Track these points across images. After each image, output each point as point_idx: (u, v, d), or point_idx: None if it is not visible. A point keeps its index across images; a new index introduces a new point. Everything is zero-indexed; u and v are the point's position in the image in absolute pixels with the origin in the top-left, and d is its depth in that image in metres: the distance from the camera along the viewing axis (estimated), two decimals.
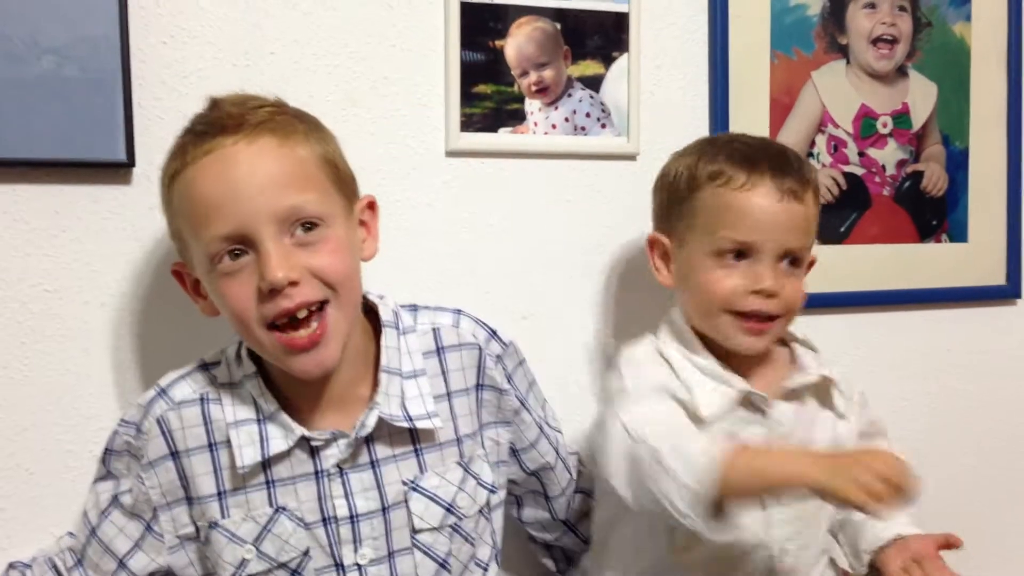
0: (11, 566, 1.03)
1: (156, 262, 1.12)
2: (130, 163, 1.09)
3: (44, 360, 1.09)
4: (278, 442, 0.96)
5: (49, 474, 1.09)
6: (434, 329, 1.05)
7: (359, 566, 0.98)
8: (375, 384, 1.00)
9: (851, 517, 1.16)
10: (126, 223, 1.11)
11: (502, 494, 1.09)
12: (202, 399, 0.98)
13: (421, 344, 1.03)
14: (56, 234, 1.09)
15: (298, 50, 1.16)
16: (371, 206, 1.02)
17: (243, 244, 0.90)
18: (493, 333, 1.08)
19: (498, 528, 1.09)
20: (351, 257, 0.96)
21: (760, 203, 1.05)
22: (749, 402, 1.08)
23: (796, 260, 1.09)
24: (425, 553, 1.00)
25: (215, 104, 0.96)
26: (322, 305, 0.93)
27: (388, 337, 1.01)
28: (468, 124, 1.23)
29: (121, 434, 1.00)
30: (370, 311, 1.03)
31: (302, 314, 0.92)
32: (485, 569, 1.07)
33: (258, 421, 0.97)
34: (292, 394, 0.99)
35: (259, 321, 0.92)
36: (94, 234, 1.10)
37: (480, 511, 1.04)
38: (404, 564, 0.99)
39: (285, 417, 0.96)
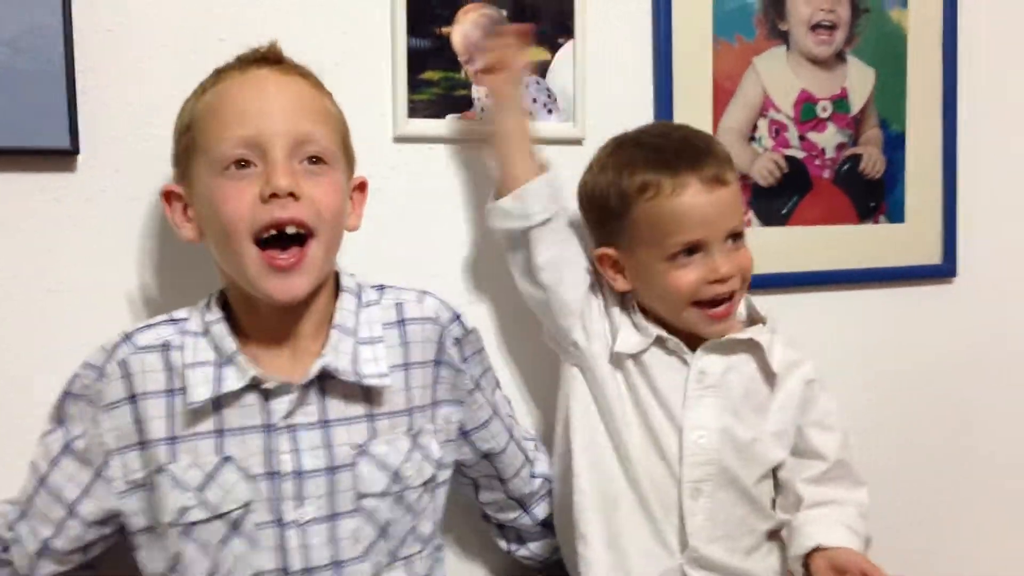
0: None
1: (102, 248, 1.12)
2: (74, 150, 1.09)
3: None
4: (231, 382, 0.98)
5: (4, 456, 1.08)
6: (397, 304, 1.08)
7: (299, 524, 0.99)
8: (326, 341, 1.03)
9: (791, 522, 1.18)
10: (71, 210, 1.11)
11: (448, 473, 1.11)
12: (165, 346, 1.01)
13: (383, 316, 1.06)
14: (2, 222, 1.08)
15: (245, 37, 1.15)
16: (362, 187, 1.09)
17: (253, 152, 0.96)
18: (457, 316, 1.12)
19: (439, 507, 1.11)
20: (343, 204, 1.03)
21: (693, 202, 1.11)
22: (668, 349, 1.16)
23: (738, 235, 1.15)
24: (367, 518, 1.01)
25: (257, 48, 1.04)
26: (306, 240, 0.98)
27: (344, 300, 1.05)
28: (415, 110, 1.25)
29: (82, 377, 1.01)
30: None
31: (290, 230, 0.97)
32: (424, 544, 1.08)
33: (216, 364, 0.99)
34: (254, 340, 1.02)
35: (249, 231, 0.96)
36: (40, 221, 1.10)
37: (424, 484, 1.06)
38: (345, 526, 1.00)
39: (241, 358, 0.99)
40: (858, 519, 1.18)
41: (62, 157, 1.09)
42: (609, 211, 1.16)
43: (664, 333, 1.16)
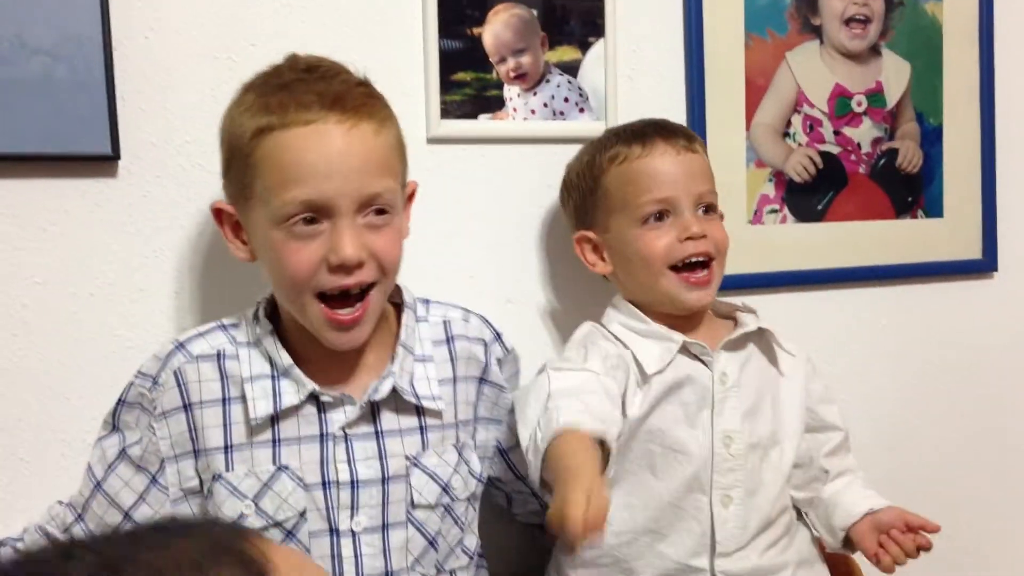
0: (1, 543, 1.05)
1: (142, 252, 1.14)
2: (115, 156, 1.10)
3: (35, 351, 1.11)
4: (290, 396, 0.99)
5: (42, 461, 1.11)
6: (445, 321, 1.09)
7: (353, 532, 1.00)
8: (391, 357, 1.03)
9: (819, 495, 1.20)
10: (112, 215, 1.13)
11: (482, 488, 1.12)
12: (219, 355, 1.01)
13: (432, 333, 1.08)
14: (44, 227, 1.10)
15: (278, 42, 1.17)
16: (412, 195, 1.08)
17: (319, 213, 0.95)
18: (498, 336, 1.13)
19: (476, 520, 1.12)
20: (401, 245, 1.02)
21: (661, 161, 1.16)
22: (691, 354, 1.15)
23: (709, 207, 1.18)
24: (418, 529, 1.02)
25: (311, 68, 0.99)
26: (370, 287, 0.98)
27: (408, 317, 1.06)
28: (448, 111, 1.25)
29: (137, 385, 1.02)
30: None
31: (354, 291, 0.97)
32: (471, 558, 1.09)
33: (273, 377, 1.00)
34: (306, 354, 1.02)
35: (313, 289, 0.96)
36: (81, 226, 1.12)
37: (469, 498, 1.07)
38: (396, 537, 1.01)
39: (298, 372, 1.00)
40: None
41: (103, 163, 1.11)
42: (583, 190, 1.20)
43: (687, 338, 1.14)
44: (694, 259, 1.15)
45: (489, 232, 1.30)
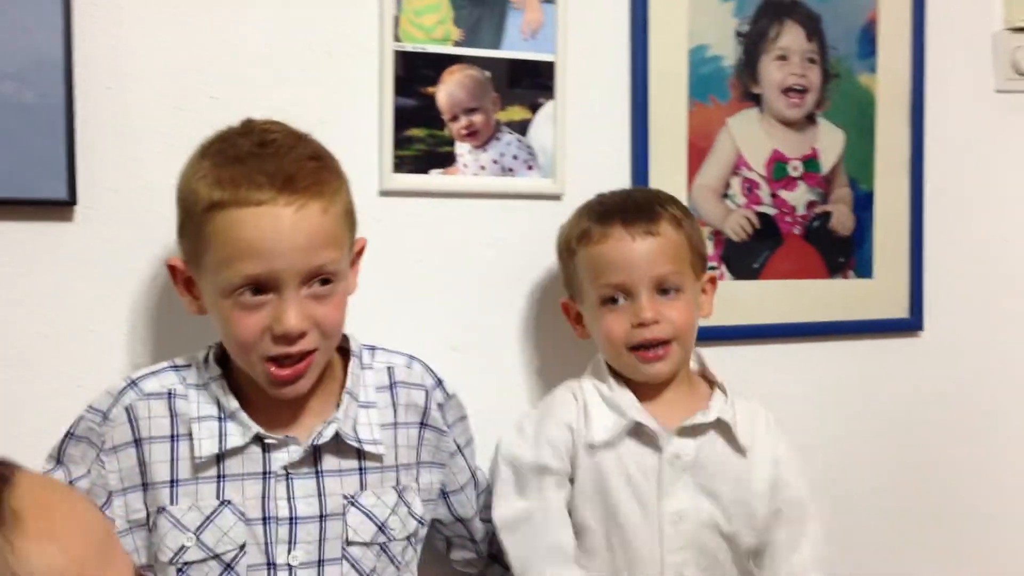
0: None
1: (96, 295, 1.17)
2: (72, 201, 1.13)
3: None
4: (235, 438, 1.03)
5: None
6: (388, 368, 1.14)
7: (290, 567, 1.03)
8: (336, 404, 1.08)
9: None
10: (68, 259, 1.15)
11: (425, 530, 1.16)
12: (170, 394, 1.05)
13: (376, 379, 1.12)
14: (1, 268, 1.12)
15: (238, 94, 1.21)
16: (361, 251, 1.12)
17: (264, 287, 0.99)
18: (439, 382, 1.17)
19: (416, 561, 1.15)
20: (345, 309, 1.06)
21: (616, 247, 1.19)
22: (643, 435, 1.18)
23: (671, 288, 1.20)
24: (352, 566, 1.06)
25: (265, 143, 1.01)
26: (312, 352, 1.03)
27: (354, 365, 1.11)
28: (401, 166, 1.30)
29: (87, 419, 1.05)
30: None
31: (296, 357, 1.02)
32: None
33: (219, 419, 1.04)
34: (254, 398, 1.06)
35: (259, 353, 1.01)
36: (37, 270, 1.14)
37: (408, 538, 1.11)
38: (331, 572, 1.05)
39: (244, 416, 1.04)
40: (820, 559, 1.22)
41: (60, 208, 1.13)
42: (565, 260, 1.26)
43: (642, 419, 1.18)
44: (647, 344, 1.19)
45: (437, 282, 1.34)
